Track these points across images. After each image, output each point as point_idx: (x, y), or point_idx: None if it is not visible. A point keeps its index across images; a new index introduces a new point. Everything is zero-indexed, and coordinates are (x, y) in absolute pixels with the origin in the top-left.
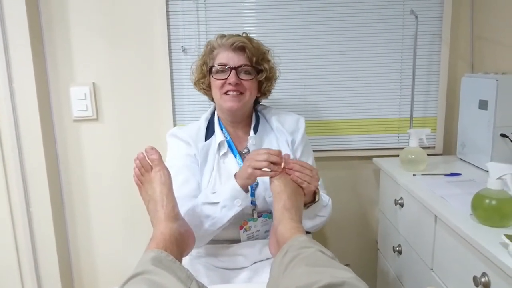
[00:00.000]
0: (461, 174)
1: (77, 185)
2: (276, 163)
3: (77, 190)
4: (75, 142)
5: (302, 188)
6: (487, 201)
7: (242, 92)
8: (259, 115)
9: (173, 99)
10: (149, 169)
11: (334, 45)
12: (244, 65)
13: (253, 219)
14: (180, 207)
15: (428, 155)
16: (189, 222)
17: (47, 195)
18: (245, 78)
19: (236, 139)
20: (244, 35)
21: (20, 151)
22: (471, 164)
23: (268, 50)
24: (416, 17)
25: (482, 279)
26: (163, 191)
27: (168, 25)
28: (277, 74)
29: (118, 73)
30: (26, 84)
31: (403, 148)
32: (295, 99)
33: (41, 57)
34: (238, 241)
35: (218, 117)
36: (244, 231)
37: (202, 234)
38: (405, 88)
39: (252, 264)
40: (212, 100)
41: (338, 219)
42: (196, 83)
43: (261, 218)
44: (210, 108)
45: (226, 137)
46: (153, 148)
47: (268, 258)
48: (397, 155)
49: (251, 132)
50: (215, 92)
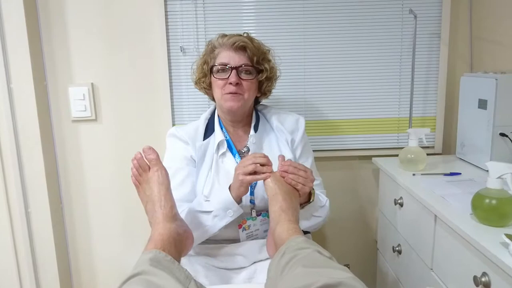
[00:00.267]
0: (460, 173)
1: (75, 186)
2: (264, 165)
3: (75, 191)
4: (73, 142)
5: (297, 190)
6: (487, 200)
7: (242, 93)
8: (259, 114)
9: (172, 99)
10: (147, 169)
11: (333, 45)
12: (244, 65)
13: (252, 218)
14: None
15: (428, 154)
16: None
17: (45, 196)
18: (245, 78)
19: (236, 139)
20: (245, 35)
21: (18, 152)
22: (470, 163)
23: (268, 50)
24: (415, 16)
25: (483, 279)
26: (161, 191)
27: (167, 25)
28: (278, 74)
29: (117, 73)
30: (25, 85)
31: (403, 147)
32: (295, 99)
33: (39, 58)
34: (237, 240)
35: (218, 116)
36: (243, 230)
37: (197, 236)
38: (404, 88)
39: (251, 264)
40: (213, 99)
41: (337, 219)
42: (197, 82)
43: (260, 217)
44: (210, 108)
45: (226, 137)
46: (150, 148)
47: (267, 258)
48: (397, 155)
49: (251, 131)
50: (215, 91)
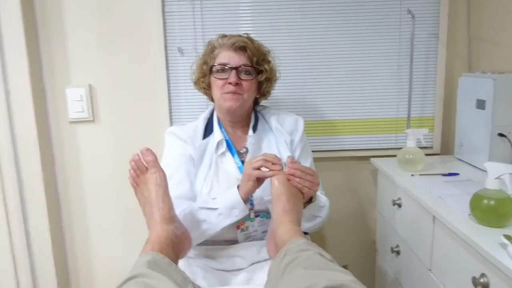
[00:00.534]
0: (459, 174)
1: (73, 187)
2: (273, 162)
3: (73, 192)
4: (71, 143)
5: (302, 193)
6: (486, 201)
7: (241, 93)
8: (258, 115)
9: (170, 100)
10: (144, 171)
11: (331, 45)
12: (244, 65)
13: (251, 219)
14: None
15: (426, 155)
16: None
17: (43, 198)
18: (245, 78)
19: (235, 139)
20: (245, 35)
21: (15, 153)
22: (469, 164)
23: (268, 51)
24: (413, 16)
25: (481, 280)
26: (159, 193)
27: (165, 26)
28: (277, 75)
29: (114, 74)
30: (22, 86)
31: (401, 148)
32: (293, 100)
33: (36, 59)
34: (236, 241)
35: (217, 117)
36: (241, 231)
37: (197, 236)
38: (403, 88)
39: (249, 266)
40: (212, 100)
41: (336, 220)
42: (196, 83)
43: (259, 218)
44: (209, 108)
45: (225, 137)
46: (148, 149)
47: (266, 259)
48: (395, 155)
49: (250, 131)
50: (215, 91)
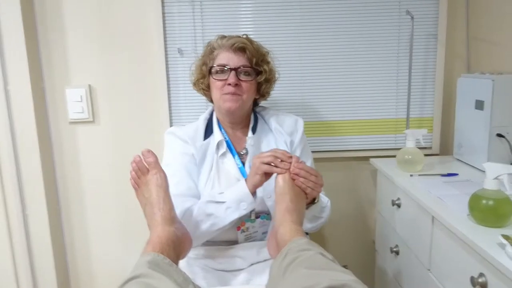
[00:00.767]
0: (458, 174)
1: (73, 188)
2: (282, 160)
3: (73, 193)
4: (71, 144)
5: (306, 193)
6: (484, 201)
7: (240, 94)
8: (258, 116)
9: (170, 101)
10: (145, 172)
11: (330, 46)
12: (243, 66)
13: (251, 220)
14: (175, 206)
15: (425, 155)
16: (187, 221)
17: (43, 198)
18: (244, 79)
19: (234, 140)
20: (245, 36)
21: (15, 154)
22: (468, 164)
23: (268, 52)
24: (412, 17)
25: (480, 280)
26: (160, 194)
27: (164, 27)
28: (277, 76)
29: (114, 74)
30: (22, 87)
31: (400, 148)
32: (293, 100)
33: (36, 59)
34: (236, 242)
35: (216, 118)
36: (241, 232)
37: (199, 234)
38: (402, 89)
39: (249, 266)
40: (211, 101)
41: (335, 220)
42: (196, 83)
43: (259, 219)
44: (209, 109)
45: (225, 138)
46: (149, 151)
47: (266, 260)
48: (394, 156)
49: (249, 132)
50: (214, 92)
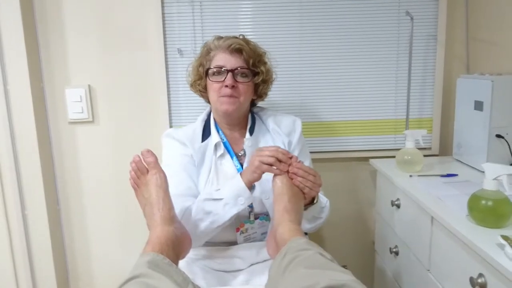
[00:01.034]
0: (457, 175)
1: (73, 188)
2: (283, 162)
3: (73, 193)
4: (70, 144)
5: (304, 193)
6: (483, 202)
7: (237, 96)
8: (255, 116)
9: (169, 101)
10: (145, 172)
11: (329, 46)
12: (240, 68)
13: (250, 221)
14: (175, 206)
15: (424, 156)
16: (187, 220)
17: (42, 198)
18: (241, 81)
19: (232, 141)
20: (241, 37)
21: (15, 154)
22: (467, 165)
23: (264, 52)
24: (411, 18)
25: (479, 280)
26: (159, 194)
27: (164, 27)
28: (274, 76)
29: (114, 75)
30: (21, 86)
31: (399, 149)
32: (292, 101)
33: (36, 59)
34: (235, 243)
35: (214, 119)
36: (240, 233)
37: (200, 234)
38: (401, 89)
39: (249, 266)
40: (208, 102)
41: (335, 221)
42: (192, 85)
43: (258, 220)
44: (206, 110)
45: (223, 139)
46: (149, 151)
47: (265, 260)
48: (394, 156)
49: (247, 134)
50: (211, 94)
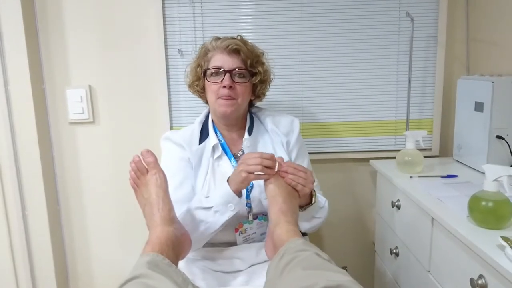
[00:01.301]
0: (457, 176)
1: (73, 188)
2: (270, 167)
3: (73, 193)
4: (71, 145)
5: (297, 191)
6: (484, 203)
7: (235, 97)
8: (254, 117)
9: (170, 101)
10: (145, 172)
11: (330, 47)
12: (238, 68)
13: (249, 222)
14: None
15: (425, 157)
16: (184, 225)
17: (42, 199)
18: (239, 81)
19: (230, 142)
20: (239, 37)
21: (15, 154)
22: (467, 166)
23: (262, 52)
24: (412, 19)
25: (479, 281)
26: (159, 194)
27: (165, 28)
28: (272, 76)
29: (115, 75)
30: (22, 87)
31: (400, 150)
32: (291, 102)
33: (37, 60)
34: (234, 244)
35: (212, 120)
36: (239, 234)
37: (197, 237)
38: (401, 90)
39: (248, 267)
40: (207, 102)
41: (335, 222)
42: (191, 86)
43: (257, 221)
44: (204, 111)
45: (220, 140)
46: (149, 151)
47: (264, 261)
48: (394, 157)
49: (245, 134)
50: (209, 95)
